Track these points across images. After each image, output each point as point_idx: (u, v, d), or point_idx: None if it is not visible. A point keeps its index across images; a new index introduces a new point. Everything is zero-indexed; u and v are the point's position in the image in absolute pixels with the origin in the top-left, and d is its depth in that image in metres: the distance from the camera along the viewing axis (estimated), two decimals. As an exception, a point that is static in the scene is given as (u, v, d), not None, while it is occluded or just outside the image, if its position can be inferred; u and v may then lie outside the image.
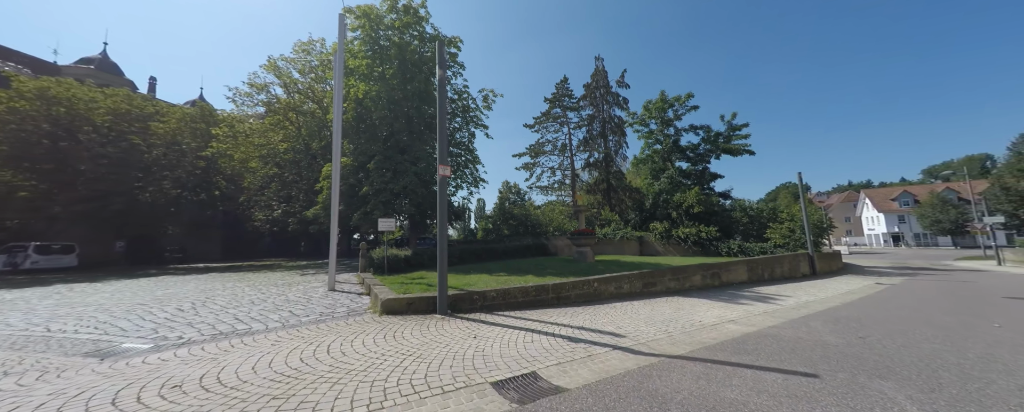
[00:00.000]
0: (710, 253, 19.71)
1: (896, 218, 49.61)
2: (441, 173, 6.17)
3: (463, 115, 18.60)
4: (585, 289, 7.67)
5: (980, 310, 6.82)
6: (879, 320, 5.95)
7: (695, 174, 26.00)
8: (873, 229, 53.71)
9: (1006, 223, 22.98)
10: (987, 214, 22.32)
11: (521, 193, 42.27)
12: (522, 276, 9.65)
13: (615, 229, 22.01)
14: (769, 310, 6.99)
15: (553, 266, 12.00)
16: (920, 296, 8.76)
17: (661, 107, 27.60)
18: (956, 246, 42.74)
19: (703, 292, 9.41)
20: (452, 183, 19.53)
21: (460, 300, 6.21)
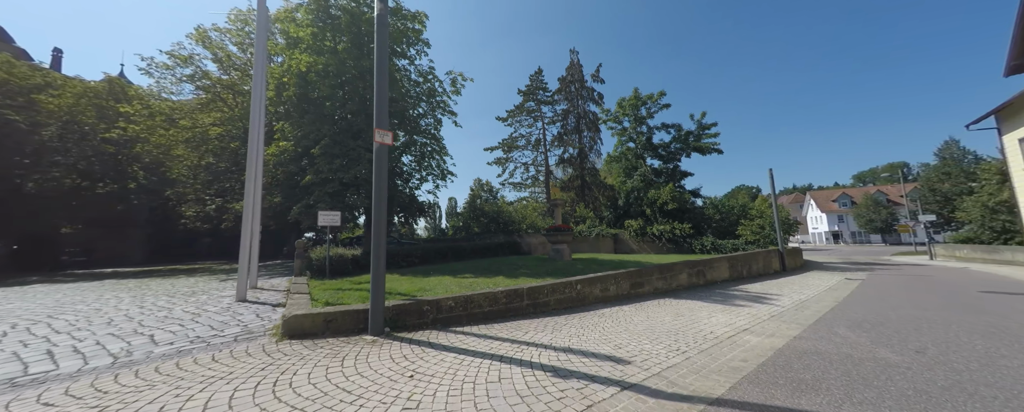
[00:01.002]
0: (684, 250, 19.35)
1: (836, 218, 53.88)
2: (378, 140, 4.46)
3: (429, 99, 16.65)
4: (566, 293, 6.28)
5: (980, 307, 6.25)
6: (902, 323, 5.06)
7: (667, 172, 25.83)
8: (817, 228, 58.03)
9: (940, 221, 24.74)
10: (921, 213, 23.93)
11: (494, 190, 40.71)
12: (491, 278, 8.10)
13: (590, 226, 21.10)
14: (774, 313, 5.99)
15: (527, 266, 10.55)
16: (903, 292, 8.30)
17: (634, 105, 27.20)
18: (886, 242, 46.91)
19: (692, 292, 8.41)
20: (416, 176, 17.52)
21: (405, 313, 4.54)
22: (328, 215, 9.24)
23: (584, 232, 20.67)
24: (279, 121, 14.42)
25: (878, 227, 45.17)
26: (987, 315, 5.56)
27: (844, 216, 52.82)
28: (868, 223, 45.81)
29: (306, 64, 12.74)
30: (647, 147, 27.50)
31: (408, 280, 8.06)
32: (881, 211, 44.74)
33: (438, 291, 6.20)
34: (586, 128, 27.87)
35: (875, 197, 47.62)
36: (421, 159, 17.52)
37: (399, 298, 5.16)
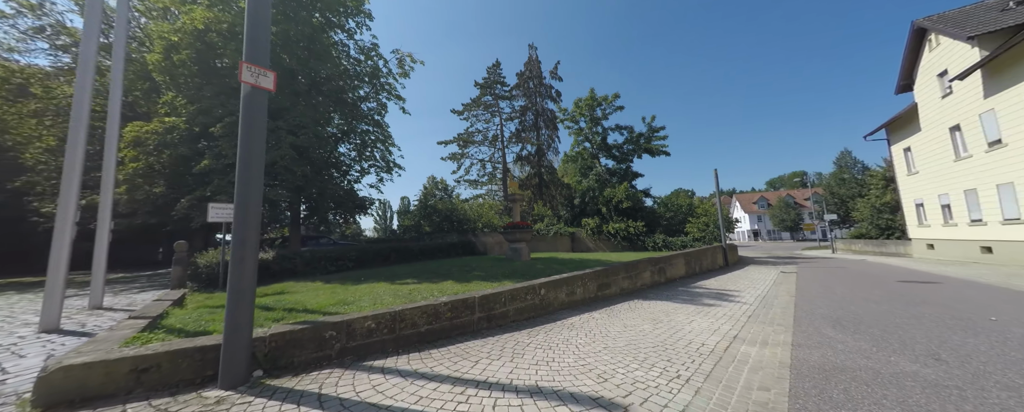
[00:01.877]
0: (637, 248, 19.64)
1: (756, 218, 60.94)
2: (248, 80, 2.84)
3: (372, 80, 14.51)
4: (528, 299, 5.15)
5: (919, 297, 6.45)
6: (876, 320, 4.81)
7: (620, 172, 26.35)
8: (741, 227, 65.16)
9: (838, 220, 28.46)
10: (825, 213, 27.34)
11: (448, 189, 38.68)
12: (437, 283, 6.71)
13: (549, 225, 20.48)
14: (748, 312, 5.50)
15: (482, 267, 9.29)
16: (839, 285, 8.65)
17: (590, 105, 27.36)
18: (794, 239, 53.94)
19: (657, 291, 7.86)
20: (355, 167, 15.24)
21: (294, 344, 3.00)
22: (222, 209, 7.04)
23: (542, 231, 19.98)
24: (169, 91, 11.30)
25: (788, 226, 51.79)
26: (934, 306, 5.59)
27: (762, 216, 59.93)
28: (780, 222, 52.33)
29: (204, 21, 10.04)
30: (602, 147, 27.86)
31: (330, 290, 6.32)
32: (791, 212, 51.35)
33: (363, 305, 4.67)
34: (544, 125, 27.41)
35: (786, 200, 54.60)
36: (362, 148, 15.30)
37: (295, 319, 3.58)
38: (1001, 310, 5.12)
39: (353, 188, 15.51)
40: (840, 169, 34.67)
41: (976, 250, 13.73)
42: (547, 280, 5.65)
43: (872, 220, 23.83)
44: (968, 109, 13.25)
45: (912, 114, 16.80)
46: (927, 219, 16.89)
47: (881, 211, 23.07)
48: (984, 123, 12.61)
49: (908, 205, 18.51)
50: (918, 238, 17.77)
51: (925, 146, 16.20)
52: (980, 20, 12.81)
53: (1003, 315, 4.78)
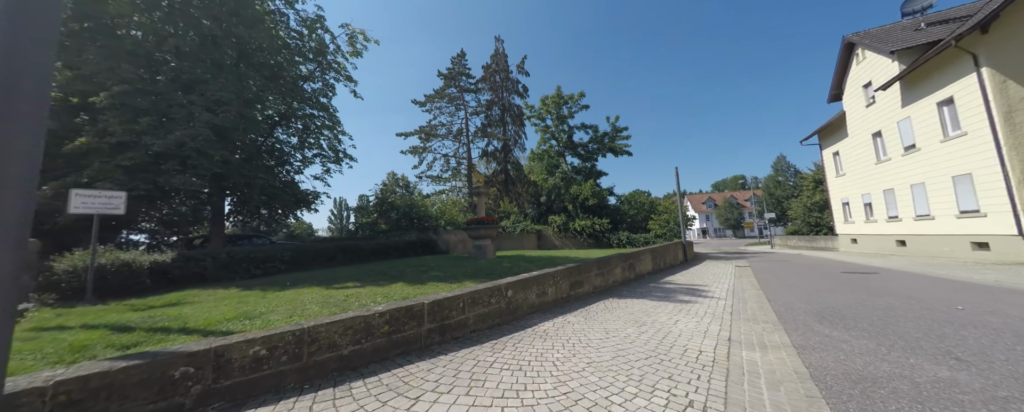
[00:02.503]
0: (603, 245, 19.67)
1: (705, 217, 65.74)
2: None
3: (317, 58, 12.70)
4: (493, 303, 4.28)
5: (875, 287, 6.62)
6: (860, 314, 4.63)
7: (585, 171, 26.45)
8: (692, 225, 70.01)
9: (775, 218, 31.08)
10: (765, 212, 29.75)
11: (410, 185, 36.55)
12: (384, 286, 5.62)
13: (515, 222, 19.77)
14: (727, 309, 5.13)
15: (442, 266, 8.25)
16: (794, 277, 8.88)
17: (557, 103, 27.15)
18: (736, 236, 58.85)
19: (629, 288, 7.41)
20: (296, 156, 13.30)
21: (105, 397, 1.82)
22: (86, 196, 5.29)
23: (508, 228, 19.24)
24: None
25: (732, 224, 56.38)
26: (897, 297, 5.64)
27: (710, 216, 64.78)
28: (725, 221, 56.82)
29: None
30: (568, 146, 27.80)
31: (239, 299, 4.95)
32: (734, 212, 55.94)
33: (274, 318, 3.49)
34: (511, 121, 26.70)
35: (730, 201, 59.41)
36: (304, 135, 13.40)
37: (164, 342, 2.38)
38: (959, 299, 5.23)
39: (293, 180, 13.55)
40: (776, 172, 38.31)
41: (892, 244, 15.32)
42: (515, 279, 4.82)
43: (804, 218, 26.23)
44: (888, 117, 14.71)
45: (841, 121, 18.52)
46: (852, 217, 18.71)
47: (812, 210, 25.45)
48: (901, 130, 14.04)
49: (836, 204, 20.46)
50: (844, 234, 19.68)
51: (851, 150, 17.91)
52: (899, 37, 14.26)
53: (964, 304, 4.82)
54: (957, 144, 11.53)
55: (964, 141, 11.25)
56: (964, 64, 10.88)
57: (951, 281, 7.06)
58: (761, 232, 44.87)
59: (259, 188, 10.53)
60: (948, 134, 11.90)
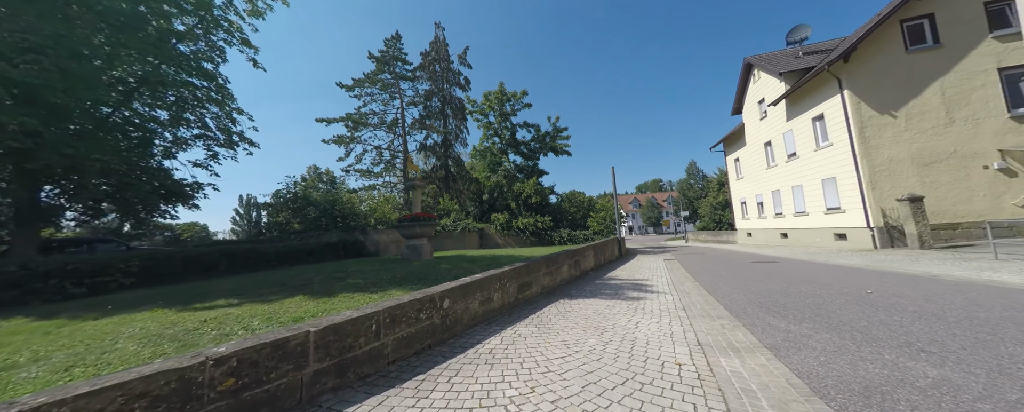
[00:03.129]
0: (545, 242, 19.63)
1: (631, 216, 72.34)
2: None
3: (199, 10, 9.80)
4: (424, 320, 3.24)
5: (791, 275, 7.25)
6: (798, 304, 4.72)
7: (528, 169, 26.39)
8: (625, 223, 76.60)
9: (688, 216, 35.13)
10: (681, 211, 33.49)
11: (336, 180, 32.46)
12: (273, 303, 4.15)
13: (455, 220, 18.51)
14: (679, 305, 4.92)
15: (365, 272, 6.80)
16: (723, 269, 9.57)
17: (500, 99, 26.57)
18: (656, 233, 65.82)
19: (577, 287, 6.97)
20: (164, 135, 10.15)
21: None
22: None
23: (448, 226, 17.92)
24: None
25: (653, 222, 62.91)
26: (811, 284, 6.12)
27: (635, 214, 71.51)
28: (648, 219, 63.18)
29: None
30: (511, 143, 27.43)
31: (11, 332, 3.04)
32: (655, 211, 62.48)
33: (38, 378, 1.95)
34: (452, 114, 25.23)
35: (651, 201, 66.25)
36: (178, 109, 10.33)
37: None
38: (857, 282, 5.83)
39: (162, 166, 10.38)
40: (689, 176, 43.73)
41: (778, 236, 18.13)
42: (453, 285, 3.84)
43: (711, 216, 30.08)
44: (776, 129, 17.32)
45: (741, 132, 21.44)
46: (748, 214, 21.82)
47: (717, 208, 29.29)
48: (786, 140, 16.61)
49: (736, 203, 23.73)
50: (742, 228, 22.90)
51: (749, 157, 20.84)
52: (785, 62, 16.86)
53: (869, 287, 5.33)
54: (826, 153, 13.93)
55: (831, 150, 13.63)
56: (832, 86, 13.14)
57: (834, 266, 8.17)
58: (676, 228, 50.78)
59: (95, 173, 7.59)
60: (820, 144, 14.33)
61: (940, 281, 5.31)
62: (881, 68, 12.17)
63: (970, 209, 11.06)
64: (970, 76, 11.29)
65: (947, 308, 3.75)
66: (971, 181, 11.10)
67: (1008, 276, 5.21)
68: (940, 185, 11.31)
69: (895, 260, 8.38)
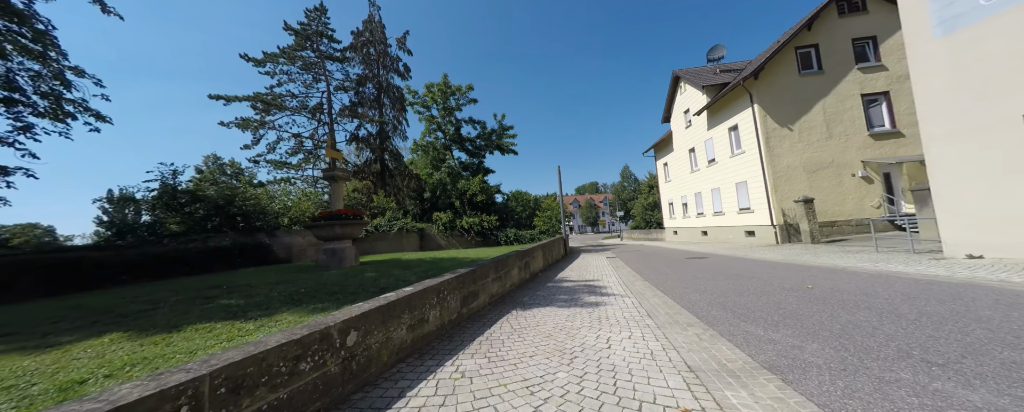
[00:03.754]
0: (491, 243, 18.73)
1: (573, 216, 75.82)
2: None
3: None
4: (307, 371, 2.03)
5: (727, 271, 7.50)
6: (751, 303, 4.54)
7: (473, 167, 25.25)
8: (571, 222, 79.79)
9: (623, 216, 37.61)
10: (617, 211, 35.70)
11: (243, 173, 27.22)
12: (25, 356, 2.43)
13: (391, 219, 16.50)
14: (640, 310, 4.44)
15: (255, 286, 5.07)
16: (665, 266, 9.78)
17: (444, 92, 24.95)
18: (594, 232, 69.87)
19: (529, 292, 6.19)
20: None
21: None
22: None
23: (383, 226, 15.86)
24: None
25: (591, 222, 66.64)
26: (748, 279, 6.24)
27: (575, 214, 75.12)
28: (587, 219, 66.73)
29: None
30: (455, 139, 25.97)
31: None
32: (593, 211, 66.26)
33: None
34: (390, 104, 22.82)
35: (590, 202, 70.19)
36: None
37: None
38: (793, 277, 6.08)
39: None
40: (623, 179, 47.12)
41: (699, 234, 20.03)
42: (368, 308, 2.65)
43: (642, 215, 32.51)
44: (699, 137, 19.08)
45: (669, 139, 23.34)
46: (674, 214, 23.86)
47: (647, 209, 31.74)
48: (707, 147, 18.36)
49: (664, 204, 25.85)
50: (668, 227, 25.00)
51: (675, 162, 22.76)
52: (706, 76, 18.64)
53: (805, 281, 5.51)
54: (740, 159, 15.62)
55: (743, 157, 15.31)
56: (744, 100, 14.74)
57: (756, 260, 8.82)
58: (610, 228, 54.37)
59: None
60: (734, 152, 16.03)
61: (858, 274, 5.76)
62: (782, 87, 13.98)
63: (842, 209, 13.23)
64: (843, 99, 13.55)
65: (894, 303, 3.80)
66: (843, 186, 13.30)
67: (902, 267, 5.88)
68: (822, 189, 13.34)
69: (800, 254, 9.38)
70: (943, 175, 5.94)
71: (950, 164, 5.83)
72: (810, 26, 13.92)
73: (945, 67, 5.77)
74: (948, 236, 5.93)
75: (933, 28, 5.88)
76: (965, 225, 5.69)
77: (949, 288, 4.22)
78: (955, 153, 5.74)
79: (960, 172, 5.70)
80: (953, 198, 5.82)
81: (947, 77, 5.76)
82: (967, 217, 5.65)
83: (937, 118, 5.95)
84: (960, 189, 5.73)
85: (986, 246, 5.47)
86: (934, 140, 6.02)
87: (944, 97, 5.82)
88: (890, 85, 13.26)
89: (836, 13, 13.93)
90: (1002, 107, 5.15)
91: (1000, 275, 4.49)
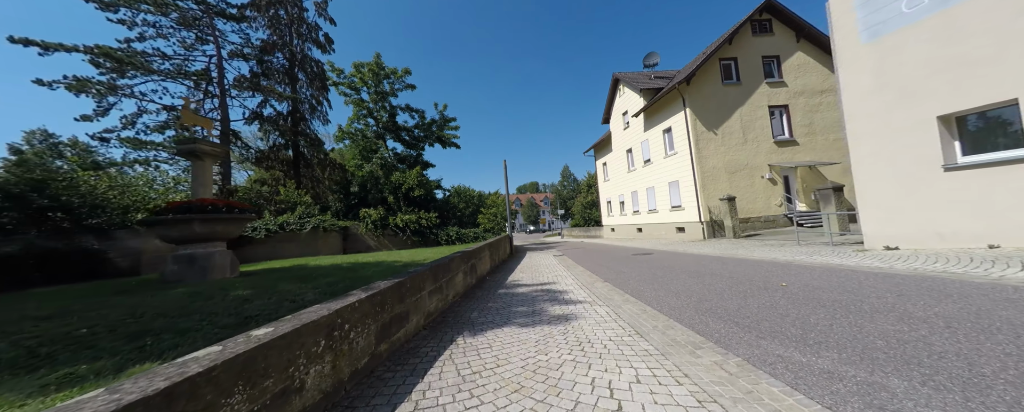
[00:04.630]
0: (430, 242, 16.71)
1: (516, 214, 76.11)
2: None
3: None
4: None
5: (688, 269, 7.20)
6: (737, 307, 3.92)
7: (410, 159, 22.76)
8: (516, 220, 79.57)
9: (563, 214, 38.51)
10: (558, 210, 36.34)
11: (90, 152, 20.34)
12: None
13: (303, 216, 13.43)
14: (619, 321, 3.50)
15: (6, 324, 2.67)
16: (622, 266, 9.36)
17: (377, 74, 21.94)
18: (535, 230, 71.11)
19: (479, 304, 4.87)
20: None
21: None
22: None
23: (292, 224, 12.78)
24: None
25: (532, 220, 67.71)
26: (710, 277, 5.88)
27: (517, 213, 75.61)
28: (528, 217, 67.60)
29: None
30: (389, 128, 23.12)
31: None
32: (534, 210, 67.35)
33: None
34: (308, 80, 19.06)
35: (530, 201, 71.29)
36: None
37: None
38: (751, 273, 5.84)
39: None
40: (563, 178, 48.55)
41: (635, 230, 20.99)
42: (153, 388, 1.02)
43: (582, 214, 33.53)
44: (636, 138, 19.90)
45: (609, 139, 24.14)
46: (612, 212, 24.81)
47: (586, 207, 32.82)
48: (643, 148, 19.20)
49: (603, 203, 26.80)
50: (607, 225, 25.97)
51: (614, 162, 23.62)
52: (643, 81, 19.49)
53: (773, 279, 5.22)
54: (673, 160, 16.51)
55: (676, 158, 16.20)
56: (678, 104, 15.55)
57: (702, 255, 8.89)
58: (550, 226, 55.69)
59: None
60: (668, 153, 16.91)
61: (810, 268, 5.76)
62: (708, 94, 15.05)
63: (754, 207, 14.75)
64: (755, 108, 15.12)
65: (889, 301, 3.45)
66: (755, 187, 14.83)
67: (839, 259, 6.09)
68: (740, 189, 14.68)
69: (733, 248, 9.80)
70: (865, 172, 6.29)
71: (872, 162, 6.16)
72: (731, 40, 15.21)
73: (870, 71, 6.07)
74: (868, 229, 6.29)
75: (861, 33, 6.16)
76: (883, 219, 6.05)
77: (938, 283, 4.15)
78: (876, 151, 6.07)
79: (880, 170, 6.04)
80: (873, 193, 6.16)
81: (872, 80, 6.07)
82: (885, 211, 6.00)
83: (861, 118, 6.26)
84: (879, 185, 6.07)
85: (901, 238, 5.84)
86: (858, 139, 6.34)
87: (869, 99, 6.13)
88: (789, 99, 15.18)
89: (751, 31, 15.48)
90: (918, 109, 5.49)
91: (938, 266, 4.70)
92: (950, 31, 5.06)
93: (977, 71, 4.84)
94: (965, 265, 4.32)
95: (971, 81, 4.92)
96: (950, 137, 5.30)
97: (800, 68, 15.36)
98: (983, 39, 4.74)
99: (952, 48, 5.06)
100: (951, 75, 5.10)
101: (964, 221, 5.06)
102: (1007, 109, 4.79)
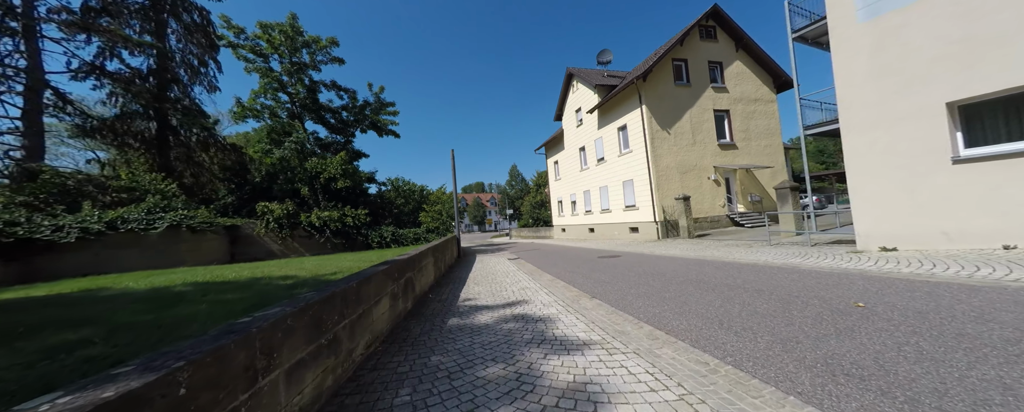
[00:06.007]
0: (358, 246, 13.41)
1: (463, 213, 72.80)
2: None
3: None
4: None
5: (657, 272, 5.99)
6: (757, 325, 2.46)
7: (337, 145, 18.86)
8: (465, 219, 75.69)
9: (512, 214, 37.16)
10: (506, 209, 34.92)
11: None
12: None
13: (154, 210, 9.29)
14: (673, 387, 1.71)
15: None
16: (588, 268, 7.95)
17: (292, 39, 17.70)
18: (481, 230, 68.97)
19: (419, 350, 2.70)
20: None
21: None
22: None
23: (130, 220, 8.67)
24: None
25: (478, 221, 65.48)
26: (738, 291, 4.64)
27: (464, 213, 72.50)
28: (474, 218, 65.18)
29: None
30: (308, 107, 18.90)
31: None
32: (480, 210, 65.20)
33: None
34: (184, 30, 14.16)
35: (477, 200, 69.00)
36: None
37: None
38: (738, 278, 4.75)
39: None
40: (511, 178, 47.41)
41: (586, 231, 20.41)
42: None
43: (531, 213, 32.56)
44: (590, 136, 19.30)
45: (561, 137, 23.36)
46: (563, 211, 24.10)
47: (536, 207, 31.94)
48: (597, 146, 18.64)
49: (554, 202, 26.00)
50: (557, 225, 25.21)
51: (566, 160, 22.89)
52: (597, 78, 18.97)
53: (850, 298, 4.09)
54: (627, 158, 16.08)
55: (631, 156, 15.78)
56: (634, 101, 15.11)
57: (670, 257, 7.95)
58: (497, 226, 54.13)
59: None
60: (623, 151, 16.47)
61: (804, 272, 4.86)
62: (663, 93, 14.87)
63: (702, 207, 14.95)
64: (702, 111, 15.40)
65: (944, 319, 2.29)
66: (703, 187, 15.06)
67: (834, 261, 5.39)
68: (691, 189, 14.73)
69: (700, 248, 9.16)
70: (859, 165, 5.71)
71: (867, 153, 5.58)
72: (682, 42, 15.27)
73: (867, 53, 5.49)
74: (862, 228, 5.73)
75: (858, 11, 5.54)
76: (879, 216, 5.49)
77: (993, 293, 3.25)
78: (873, 142, 5.50)
79: (877, 162, 5.47)
80: (870, 189, 5.58)
81: (869, 63, 5.49)
82: (882, 208, 5.44)
83: (856, 105, 5.69)
84: (876, 179, 5.50)
85: (900, 238, 5.30)
86: (852, 129, 5.76)
87: (865, 85, 5.55)
88: (730, 105, 15.81)
89: (698, 36, 15.77)
90: (923, 95, 4.94)
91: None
92: (965, 6, 4.53)
93: (996, 52, 4.35)
94: (986, 270, 3.72)
95: (988, 64, 4.41)
96: (960, 126, 4.85)
97: (738, 76, 16.14)
98: (1005, 14, 4.24)
99: (966, 26, 4.54)
100: (964, 57, 4.59)
101: (974, 219, 4.58)
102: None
